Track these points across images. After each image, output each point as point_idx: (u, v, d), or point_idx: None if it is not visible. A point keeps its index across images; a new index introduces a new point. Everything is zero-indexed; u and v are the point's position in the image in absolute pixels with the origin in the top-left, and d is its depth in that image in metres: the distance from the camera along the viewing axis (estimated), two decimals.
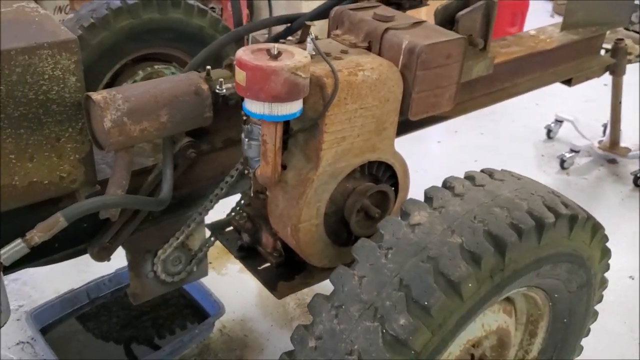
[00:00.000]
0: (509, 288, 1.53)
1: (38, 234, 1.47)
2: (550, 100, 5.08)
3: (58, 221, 1.49)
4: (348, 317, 1.41)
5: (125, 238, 2.02)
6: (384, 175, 1.95)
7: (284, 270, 1.99)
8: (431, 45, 1.77)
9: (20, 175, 1.63)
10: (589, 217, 1.67)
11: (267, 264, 2.02)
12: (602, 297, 1.98)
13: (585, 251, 1.71)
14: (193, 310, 2.70)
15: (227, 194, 2.11)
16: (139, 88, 1.62)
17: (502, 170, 1.77)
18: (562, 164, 4.13)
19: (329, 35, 2.00)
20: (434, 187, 1.61)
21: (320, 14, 2.09)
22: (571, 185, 4.00)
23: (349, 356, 1.37)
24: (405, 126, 2.76)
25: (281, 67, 1.49)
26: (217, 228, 2.17)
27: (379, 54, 1.85)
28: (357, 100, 1.70)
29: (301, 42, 1.86)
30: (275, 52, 1.55)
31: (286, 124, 1.79)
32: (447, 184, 1.62)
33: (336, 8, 1.99)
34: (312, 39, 1.74)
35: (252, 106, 1.57)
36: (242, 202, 2.13)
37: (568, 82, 3.63)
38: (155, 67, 3.01)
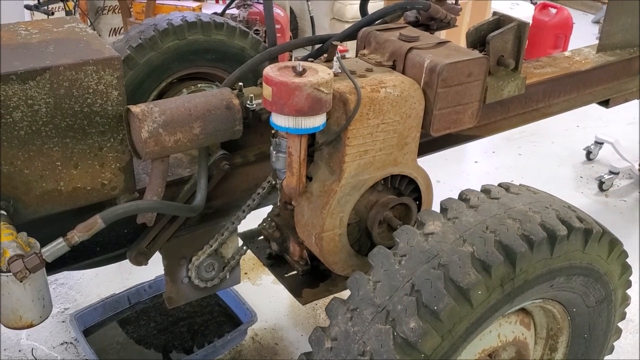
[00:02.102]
0: (522, 298, 1.57)
1: (78, 234, 1.59)
2: (591, 122, 5.05)
3: (96, 222, 1.61)
4: (361, 320, 1.48)
5: (162, 244, 2.15)
6: (407, 189, 2.02)
7: (309, 278, 2.07)
8: (452, 64, 1.85)
9: (66, 181, 1.78)
10: (605, 232, 1.70)
11: (294, 272, 2.11)
12: (624, 314, 1.98)
13: (602, 266, 1.73)
14: (227, 318, 2.80)
15: (258, 206, 2.22)
16: (174, 102, 1.75)
17: (519, 184, 1.82)
18: (601, 185, 4.09)
19: (357, 55, 2.10)
20: (449, 199, 1.67)
21: (350, 34, 2.20)
22: (609, 208, 3.96)
23: (361, 357, 1.44)
24: (439, 143, 2.84)
25: (304, 83, 1.59)
26: (249, 237, 2.28)
27: (403, 73, 1.93)
28: (379, 116, 1.79)
29: (328, 60, 1.97)
30: (300, 69, 1.65)
31: (312, 137, 1.89)
32: (463, 196, 1.68)
33: (364, 29, 2.09)
34: (338, 58, 1.84)
35: (278, 120, 1.68)
36: (272, 212, 2.23)
37: (605, 104, 3.62)
38: (199, 85, 3.19)
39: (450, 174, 4.21)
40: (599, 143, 4.47)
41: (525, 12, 6.35)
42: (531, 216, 1.57)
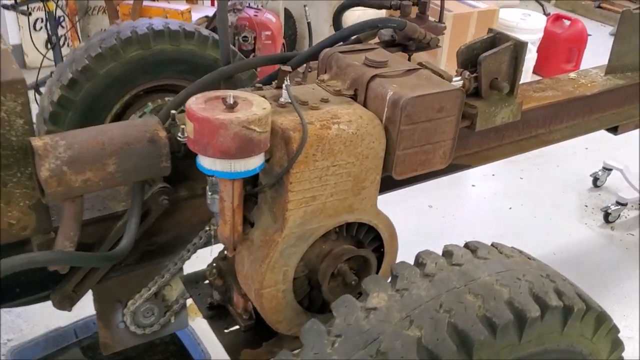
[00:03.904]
0: None
1: None
2: (602, 144, 4.72)
3: None
4: None
5: (91, 287, 1.91)
6: (367, 238, 1.75)
7: (251, 336, 1.81)
8: (418, 97, 1.57)
9: None
10: (590, 308, 1.42)
11: (237, 327, 1.85)
12: None
13: (585, 346, 1.45)
14: (181, 358, 2.54)
15: (207, 244, 1.96)
16: (86, 134, 1.50)
17: (492, 244, 1.54)
18: (607, 217, 3.78)
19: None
20: (401, 264, 1.40)
21: (312, 56, 1.93)
22: (614, 242, 3.65)
23: None
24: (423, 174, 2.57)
25: (230, 121, 1.33)
26: (192, 280, 2.02)
27: (364, 104, 1.66)
28: (329, 157, 1.52)
29: (279, 87, 1.71)
30: (231, 102, 1.39)
31: (255, 177, 1.63)
32: (419, 260, 1.41)
33: (326, 50, 1.82)
34: (286, 86, 1.58)
35: (203, 161, 1.42)
36: (219, 255, 1.97)
37: (614, 130, 3.33)
38: (166, 99, 2.93)
39: (444, 198, 3.93)
40: (607, 169, 4.16)
41: (537, 24, 6.05)
42: (497, 291, 1.30)
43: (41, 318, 2.79)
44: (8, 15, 4.62)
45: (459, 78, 2.39)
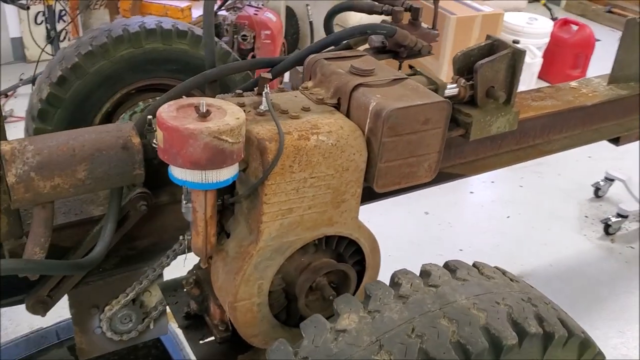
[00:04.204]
0: None
1: None
2: (606, 153, 4.64)
3: None
4: None
5: (66, 292, 1.86)
6: (348, 251, 1.70)
7: (226, 348, 1.76)
8: (401, 109, 1.52)
9: None
10: (573, 335, 1.36)
11: (212, 338, 1.80)
12: None
13: None
14: None
15: (187, 250, 1.91)
16: (56, 139, 1.45)
17: (474, 264, 1.48)
18: (607, 229, 3.71)
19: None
20: (376, 284, 1.35)
21: (300, 60, 1.88)
22: (614, 255, 3.58)
23: None
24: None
25: (200, 130, 1.28)
26: (171, 288, 1.97)
27: (347, 114, 1.61)
28: (307, 169, 1.47)
29: (260, 94, 1.65)
30: (204, 110, 1.34)
31: (233, 186, 1.58)
32: (394, 279, 1.35)
33: (311, 56, 1.77)
34: (266, 94, 1.53)
35: (174, 171, 1.37)
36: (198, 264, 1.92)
37: (615, 141, 3.26)
38: (157, 98, 2.88)
39: (441, 204, 3.87)
40: (609, 179, 4.08)
41: (544, 28, 5.97)
42: (473, 316, 1.24)
43: (25, 317, 2.74)
44: (10, 7, 4.58)
45: (454, 85, 2.33)
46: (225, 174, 1.38)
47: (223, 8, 4.45)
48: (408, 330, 1.21)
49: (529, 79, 5.67)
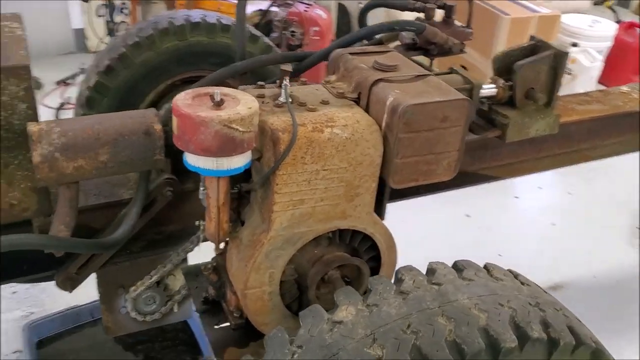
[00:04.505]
0: None
1: None
2: None
3: None
4: None
5: (94, 270, 1.94)
6: (363, 246, 1.69)
7: (240, 334, 1.79)
8: (419, 105, 1.50)
9: None
10: (582, 344, 1.31)
11: (227, 324, 1.83)
12: None
13: None
14: (188, 348, 2.57)
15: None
16: (82, 122, 1.52)
17: (485, 265, 1.45)
18: None
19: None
20: (378, 278, 1.34)
21: (327, 55, 1.88)
22: None
23: None
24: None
25: (211, 118, 1.31)
26: (193, 273, 2.02)
27: (367, 109, 1.61)
28: (319, 161, 1.48)
29: (280, 87, 1.67)
30: (218, 99, 1.37)
31: (249, 174, 1.61)
32: (398, 275, 1.35)
33: (336, 50, 1.77)
34: (284, 85, 1.55)
35: (188, 157, 1.41)
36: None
37: None
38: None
39: (483, 208, 3.79)
40: None
41: (607, 32, 5.75)
42: (473, 316, 1.22)
43: (64, 294, 2.87)
44: (73, 1, 4.79)
45: (492, 86, 2.29)
46: (237, 162, 1.41)
47: (274, 4, 4.50)
48: (404, 326, 1.20)
49: (587, 83, 5.48)
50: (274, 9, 4.57)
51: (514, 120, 2.26)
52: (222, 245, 1.70)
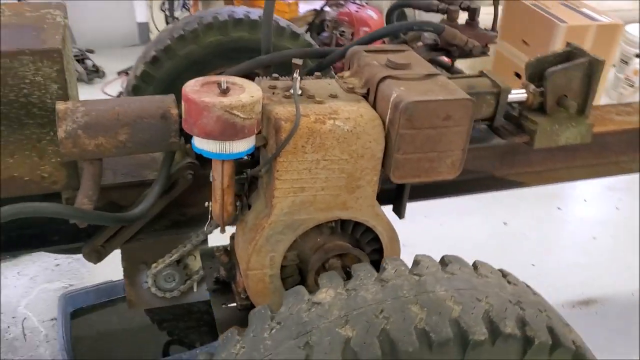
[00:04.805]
0: None
1: None
2: None
3: None
4: None
5: (119, 245, 2.07)
6: (366, 238, 1.74)
7: (245, 315, 1.85)
8: (420, 102, 1.54)
9: (2, 169, 1.73)
10: (560, 345, 1.32)
11: (234, 304, 1.92)
12: None
13: None
14: (211, 329, 2.67)
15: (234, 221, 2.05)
16: (106, 104, 1.63)
17: (474, 262, 1.48)
18: None
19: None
20: (362, 265, 1.40)
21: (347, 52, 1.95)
22: None
23: None
24: (462, 186, 2.49)
25: (213, 104, 1.40)
26: (209, 254, 2.12)
27: (374, 104, 1.66)
28: (320, 151, 1.54)
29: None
30: (224, 87, 1.46)
31: (258, 161, 1.69)
32: (382, 264, 1.39)
33: (353, 47, 1.83)
34: (294, 78, 1.62)
35: (195, 140, 1.50)
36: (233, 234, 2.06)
37: None
38: None
39: (522, 217, 3.75)
40: None
41: None
42: (447, 307, 1.26)
43: (102, 268, 3.04)
44: None
45: (522, 91, 2.30)
46: (239, 147, 1.49)
47: (328, 4, 4.59)
48: (377, 311, 1.25)
49: None
50: (327, 8, 4.66)
51: (543, 127, 2.25)
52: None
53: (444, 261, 1.44)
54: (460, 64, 2.44)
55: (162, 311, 2.74)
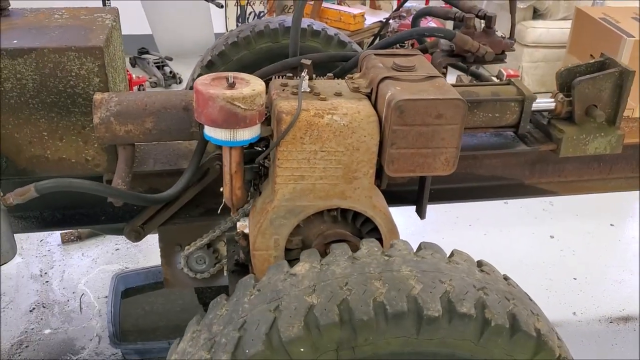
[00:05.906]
0: None
1: (13, 196, 1.78)
2: None
3: (29, 190, 1.78)
4: (195, 344, 1.44)
5: (156, 227, 2.29)
6: (366, 228, 1.86)
7: None
8: (411, 100, 1.65)
9: (52, 151, 2.00)
10: (519, 330, 1.38)
11: None
12: None
13: None
14: None
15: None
16: (136, 95, 1.86)
17: (452, 251, 1.57)
18: None
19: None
20: (340, 245, 1.52)
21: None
22: None
23: None
24: (485, 192, 2.54)
25: (217, 95, 1.58)
26: (233, 239, 2.30)
27: (375, 103, 1.78)
28: (317, 142, 1.68)
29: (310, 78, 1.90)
30: (231, 81, 1.64)
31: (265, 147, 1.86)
32: (360, 245, 1.52)
33: (365, 51, 1.96)
34: (302, 77, 1.78)
35: (205, 129, 1.69)
36: None
37: None
38: None
39: (571, 232, 3.70)
40: None
41: None
42: (407, 285, 1.36)
43: (156, 255, 3.31)
44: (216, 7, 5.37)
45: (550, 100, 2.35)
46: (243, 135, 1.66)
47: (391, 16, 4.71)
48: (341, 284, 1.37)
49: None
50: (391, 21, 4.79)
51: (569, 136, 2.29)
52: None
53: (420, 247, 1.54)
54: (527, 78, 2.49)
55: (204, 296, 2.95)
